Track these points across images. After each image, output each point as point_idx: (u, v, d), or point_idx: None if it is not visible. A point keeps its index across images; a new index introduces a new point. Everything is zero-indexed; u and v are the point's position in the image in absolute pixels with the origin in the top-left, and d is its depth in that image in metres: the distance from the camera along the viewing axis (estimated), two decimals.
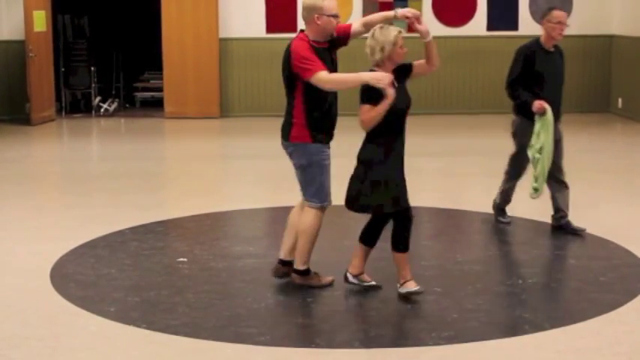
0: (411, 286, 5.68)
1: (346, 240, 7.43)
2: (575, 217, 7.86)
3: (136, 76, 16.63)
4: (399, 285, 5.73)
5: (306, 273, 5.97)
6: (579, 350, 4.91)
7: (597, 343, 4.99)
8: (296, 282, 5.99)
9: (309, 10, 5.67)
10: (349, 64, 7.54)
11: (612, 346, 4.95)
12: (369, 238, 5.90)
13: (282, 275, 6.05)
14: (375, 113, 5.47)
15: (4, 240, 7.35)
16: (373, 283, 5.95)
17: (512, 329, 5.20)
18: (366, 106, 5.53)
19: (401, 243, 5.68)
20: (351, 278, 5.94)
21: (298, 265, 5.96)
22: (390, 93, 5.43)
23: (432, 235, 7.54)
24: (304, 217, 5.87)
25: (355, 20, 6.07)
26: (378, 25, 5.65)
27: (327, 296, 5.79)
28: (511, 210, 7.92)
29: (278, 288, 5.97)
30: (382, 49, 5.55)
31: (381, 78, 5.41)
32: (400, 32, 5.58)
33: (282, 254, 6.07)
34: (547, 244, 7.15)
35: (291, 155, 5.88)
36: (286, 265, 6.05)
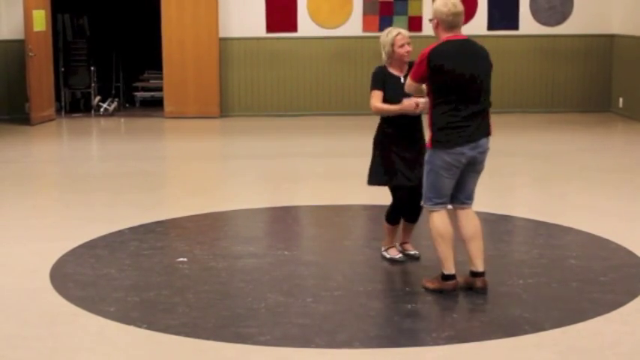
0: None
1: (346, 240, 7.43)
2: (576, 217, 7.86)
3: (136, 75, 16.63)
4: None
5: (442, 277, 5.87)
6: (580, 350, 4.90)
7: (598, 344, 4.98)
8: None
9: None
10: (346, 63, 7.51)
11: (613, 346, 4.94)
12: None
13: (478, 288, 5.86)
14: (385, 109, 6.25)
15: (4, 240, 7.34)
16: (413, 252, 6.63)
17: (513, 329, 5.18)
18: (374, 92, 6.28)
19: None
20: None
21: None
22: (406, 106, 6.16)
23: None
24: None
25: None
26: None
27: (327, 296, 5.78)
28: (511, 210, 7.92)
29: (278, 288, 5.96)
30: (384, 49, 6.28)
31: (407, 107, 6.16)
32: (399, 33, 6.24)
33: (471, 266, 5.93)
34: (547, 244, 7.14)
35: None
36: (476, 275, 5.87)
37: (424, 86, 5.86)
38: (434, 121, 5.70)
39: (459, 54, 5.66)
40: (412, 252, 6.62)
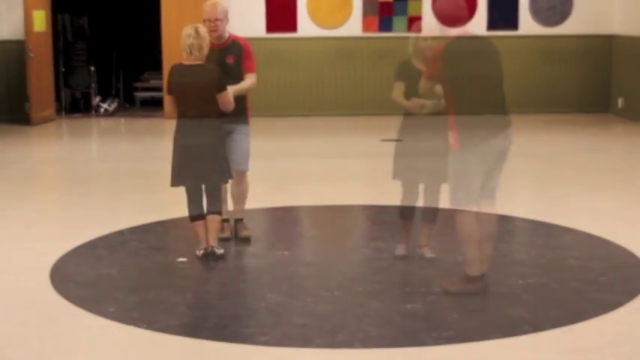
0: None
1: (346, 240, 7.44)
2: (577, 218, 7.86)
3: (136, 75, 16.62)
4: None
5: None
6: (580, 351, 4.90)
7: (598, 344, 4.98)
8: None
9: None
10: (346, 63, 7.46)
11: (613, 346, 4.94)
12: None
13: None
14: (398, 102, 6.34)
15: (4, 240, 7.34)
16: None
17: (512, 329, 5.19)
18: (395, 84, 6.36)
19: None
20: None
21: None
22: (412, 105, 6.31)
23: (432, 235, 7.53)
24: None
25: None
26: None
27: (327, 296, 5.78)
28: (511, 210, 7.92)
29: (278, 288, 5.96)
30: (410, 41, 6.40)
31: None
32: (417, 38, 6.38)
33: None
34: (547, 244, 7.14)
35: None
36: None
37: (438, 88, 5.85)
38: (460, 119, 5.67)
39: (473, 49, 5.69)
40: (427, 255, 6.57)
